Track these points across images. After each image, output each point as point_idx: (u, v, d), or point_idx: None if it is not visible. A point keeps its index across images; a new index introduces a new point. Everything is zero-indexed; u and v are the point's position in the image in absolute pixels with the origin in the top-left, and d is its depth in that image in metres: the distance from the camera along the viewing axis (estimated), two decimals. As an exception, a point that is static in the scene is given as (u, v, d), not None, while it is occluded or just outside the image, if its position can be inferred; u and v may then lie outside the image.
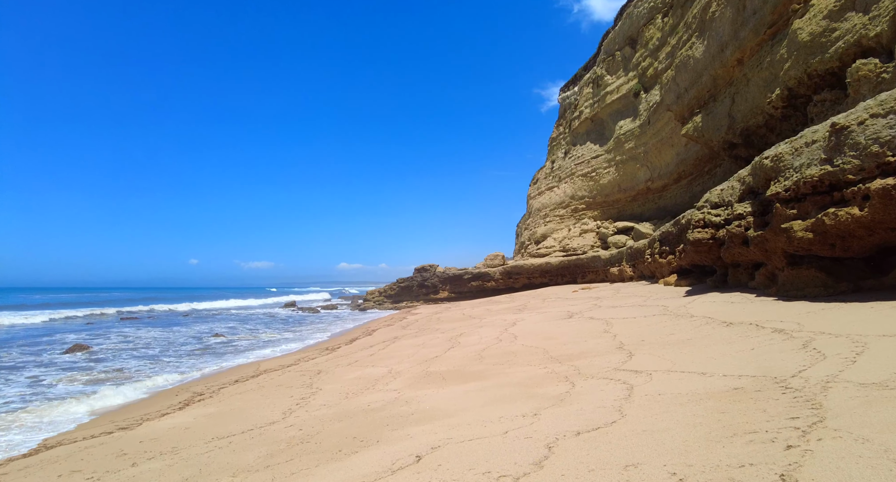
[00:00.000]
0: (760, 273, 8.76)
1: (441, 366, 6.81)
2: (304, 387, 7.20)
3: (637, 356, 5.36)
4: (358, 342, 13.55)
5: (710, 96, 14.62)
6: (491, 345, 7.98)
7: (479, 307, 20.73)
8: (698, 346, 5.39)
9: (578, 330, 8.13)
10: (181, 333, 18.55)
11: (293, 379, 8.25)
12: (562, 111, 39.40)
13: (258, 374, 9.33)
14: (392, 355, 9.07)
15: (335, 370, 8.38)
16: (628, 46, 29.21)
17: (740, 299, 8.23)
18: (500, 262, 33.50)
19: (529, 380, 4.98)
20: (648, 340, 6.22)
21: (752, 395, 3.27)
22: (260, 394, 7.22)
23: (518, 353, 6.83)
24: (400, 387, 5.81)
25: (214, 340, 16.11)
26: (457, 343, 9.17)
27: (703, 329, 6.36)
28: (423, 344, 10.06)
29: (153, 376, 9.89)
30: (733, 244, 8.98)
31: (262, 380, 8.58)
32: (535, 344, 7.43)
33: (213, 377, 9.79)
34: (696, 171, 23.68)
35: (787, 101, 10.69)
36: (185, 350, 13.74)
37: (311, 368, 9.20)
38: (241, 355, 12.58)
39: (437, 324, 14.81)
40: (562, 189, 35.11)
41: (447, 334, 11.15)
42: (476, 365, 6.52)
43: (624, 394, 3.86)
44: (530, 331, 9.00)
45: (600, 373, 4.79)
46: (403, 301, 34.08)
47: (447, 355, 7.79)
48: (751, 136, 13.13)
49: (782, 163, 7.53)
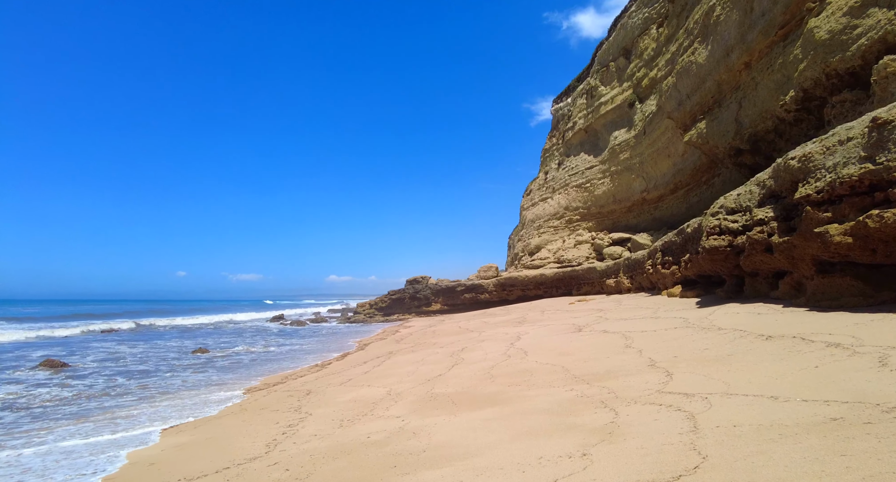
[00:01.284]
0: (785, 282, 8.18)
1: (447, 387, 6.04)
2: (292, 411, 6.37)
3: (678, 375, 4.67)
4: (350, 358, 12.68)
5: (715, 102, 14.28)
6: (499, 362, 7.23)
7: (475, 320, 19.95)
8: (745, 363, 4.72)
9: (595, 344, 7.42)
10: (164, 348, 17.43)
11: (279, 400, 7.39)
12: (555, 122, 39.29)
13: (241, 394, 8.44)
14: (389, 373, 8.26)
15: (327, 390, 7.55)
16: (622, 57, 29.18)
17: (766, 310, 7.62)
18: (493, 274, 32.82)
19: (558, 406, 4.25)
20: (682, 356, 5.54)
21: (865, 429, 2.59)
22: (241, 419, 6.36)
23: (534, 372, 6.09)
24: (403, 413, 5.03)
25: (194, 359, 15.07)
26: (460, 359, 8.40)
27: (740, 343, 5.71)
28: (421, 360, 9.27)
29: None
30: (754, 251, 8.41)
31: (245, 402, 7.70)
32: (549, 360, 6.70)
33: (191, 396, 8.85)
34: (693, 182, 23.39)
35: (801, 104, 10.30)
36: (164, 367, 12.72)
37: (300, 388, 8.34)
38: (226, 372, 11.62)
39: (433, 338, 14.00)
40: (556, 200, 34.73)
41: (447, 349, 10.36)
42: (488, 385, 5.76)
43: (687, 425, 3.15)
44: (540, 346, 8.27)
45: (643, 397, 4.09)
46: (395, 313, 33.12)
47: (452, 374, 7.01)
48: (758, 142, 12.74)
49: (812, 163, 7.01)
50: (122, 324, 31.00)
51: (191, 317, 44.16)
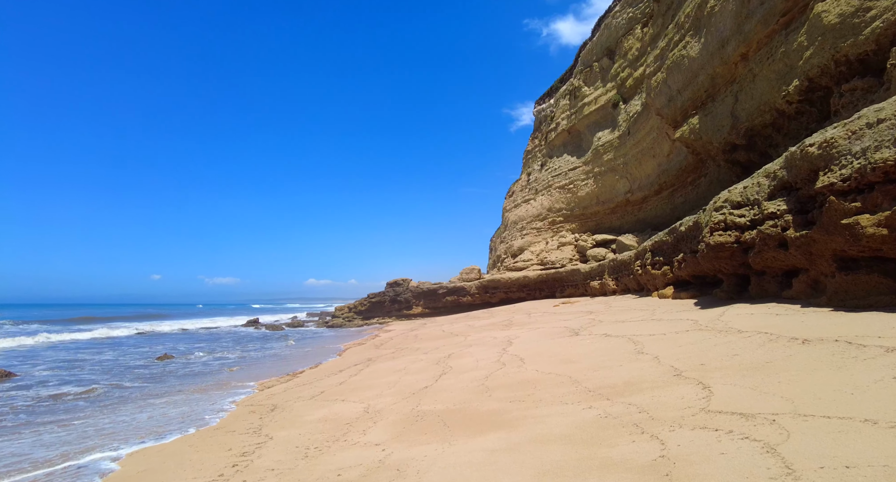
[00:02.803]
0: (800, 281, 7.56)
1: (436, 403, 5.12)
2: (251, 433, 5.33)
3: (717, 388, 3.87)
4: (325, 366, 11.60)
5: (708, 96, 13.83)
6: (494, 371, 6.34)
7: (458, 323, 19.06)
8: (794, 372, 3.96)
9: (601, 350, 6.61)
10: (128, 355, 15.92)
11: (238, 418, 6.33)
12: (537, 124, 38.90)
13: (189, 414, 7.29)
14: (368, 384, 7.27)
15: (295, 405, 6.51)
16: (606, 57, 28.90)
17: (784, 311, 6.96)
18: (476, 276, 32.04)
19: (581, 431, 3.38)
20: (711, 364, 4.76)
21: None
22: (187, 444, 5.29)
23: (537, 383, 5.22)
24: (384, 439, 4.08)
25: (151, 368, 13.71)
26: (447, 367, 7.47)
27: (772, 347, 4.97)
28: (404, 368, 8.30)
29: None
30: (766, 247, 7.78)
31: (193, 423, 6.58)
32: (552, 369, 5.85)
33: (140, 408, 7.65)
34: (678, 183, 23.11)
35: (804, 95, 9.83)
36: (119, 377, 11.37)
37: (265, 401, 7.27)
38: (187, 382, 10.38)
39: (415, 343, 13.03)
40: (539, 201, 34.22)
41: (432, 355, 9.42)
42: (484, 400, 4.86)
43: (772, 463, 2.32)
44: (536, 352, 7.42)
45: (687, 419, 3.26)
46: (375, 317, 31.96)
47: (440, 385, 6.08)
48: (755, 137, 12.29)
49: (835, 149, 6.39)
50: (82, 335, 28.91)
51: (166, 321, 41.95)
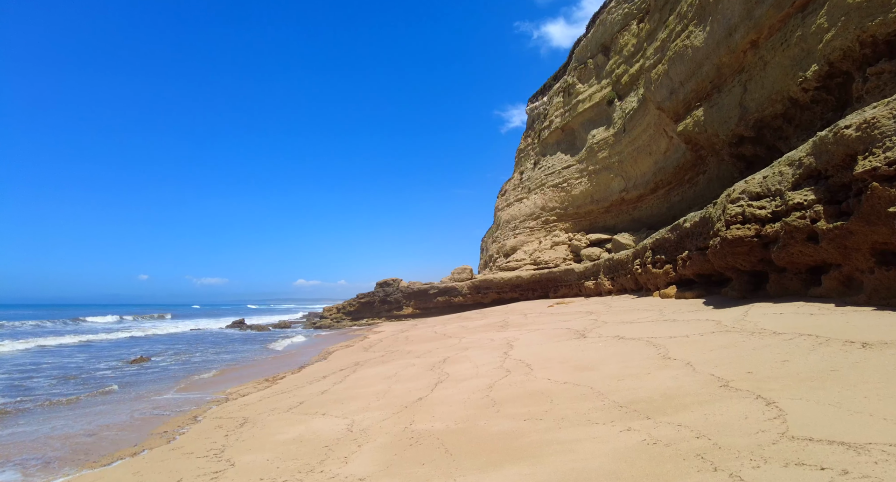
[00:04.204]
0: (831, 277, 6.90)
1: (433, 420, 4.29)
2: (210, 457, 4.45)
3: (786, 405, 3.11)
4: (308, 370, 10.70)
5: (714, 87, 13.24)
6: (498, 380, 5.53)
7: (451, 324, 18.26)
8: (880, 386, 3.23)
9: (616, 355, 5.85)
10: (99, 357, 14.79)
11: (200, 435, 5.43)
12: (530, 122, 38.33)
13: (150, 426, 6.36)
14: (353, 393, 6.42)
15: (268, 419, 5.63)
16: (601, 54, 28.38)
17: (817, 310, 6.28)
18: (468, 276, 31.27)
19: (629, 467, 2.60)
20: (760, 372, 4.02)
21: None
22: (132, 472, 4.39)
23: (552, 396, 4.43)
24: (370, 472, 3.25)
25: (126, 372, 12.66)
26: (444, 374, 6.65)
27: (828, 354, 4.25)
28: (394, 374, 7.46)
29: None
30: (792, 241, 7.11)
31: (151, 439, 5.66)
32: (566, 377, 5.07)
33: (90, 421, 6.69)
34: (674, 181, 22.60)
35: (822, 81, 9.24)
36: (80, 381, 10.33)
37: (235, 413, 6.38)
38: (154, 387, 9.39)
39: (406, 345, 12.19)
40: (532, 200, 33.60)
41: (425, 359, 8.60)
42: (492, 418, 4.05)
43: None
44: (543, 357, 6.64)
45: (768, 449, 2.49)
46: (364, 318, 30.99)
47: (437, 396, 5.26)
48: (764, 129, 11.71)
49: (877, 130, 5.74)
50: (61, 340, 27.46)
51: (149, 323, 40.48)
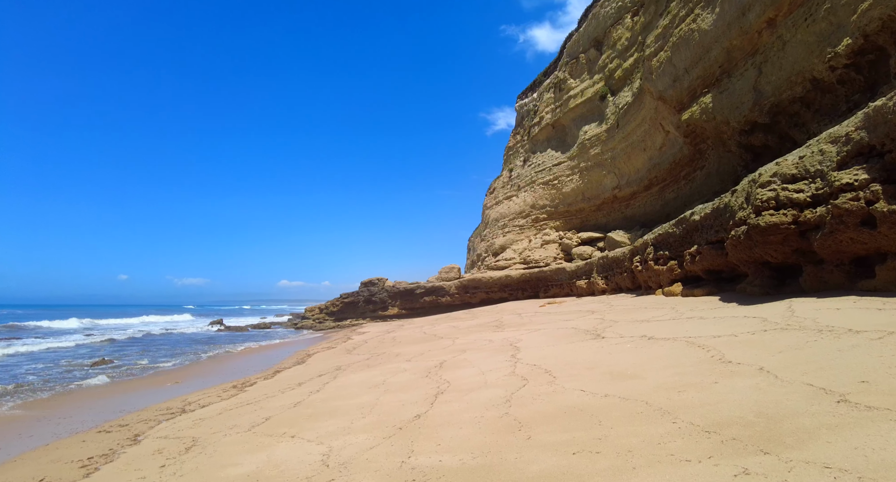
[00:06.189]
0: (887, 268, 6.03)
1: (440, 450, 3.20)
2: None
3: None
4: (283, 375, 9.47)
5: (723, 72, 12.48)
6: (515, 391, 4.46)
7: (440, 324, 17.16)
8: None
9: (658, 359, 4.84)
10: (62, 357, 13.22)
11: (131, 464, 4.23)
12: (519, 119, 37.53)
13: (82, 448, 5.10)
14: (333, 405, 5.27)
15: (221, 442, 4.45)
16: (594, 49, 27.68)
17: (883, 304, 5.38)
18: (455, 275, 30.21)
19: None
20: (879, 383, 3.05)
21: None
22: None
23: (597, 414, 3.38)
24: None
25: (81, 375, 11.20)
26: (443, 382, 5.54)
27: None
28: (382, 382, 6.32)
29: None
30: (843, 227, 6.23)
31: (65, 469, 4.41)
32: (604, 388, 4.03)
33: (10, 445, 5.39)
34: (670, 177, 21.94)
35: (853, 58, 8.47)
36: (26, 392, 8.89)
37: (185, 432, 5.16)
38: (105, 397, 8.04)
39: (394, 347, 11.03)
40: (521, 198, 32.74)
41: (417, 364, 7.47)
42: (526, 450, 2.98)
43: None
44: (563, 361, 5.60)
45: None
46: (348, 318, 29.63)
47: (439, 414, 4.15)
48: (779, 115, 10.96)
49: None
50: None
51: (122, 318, 38.37)
